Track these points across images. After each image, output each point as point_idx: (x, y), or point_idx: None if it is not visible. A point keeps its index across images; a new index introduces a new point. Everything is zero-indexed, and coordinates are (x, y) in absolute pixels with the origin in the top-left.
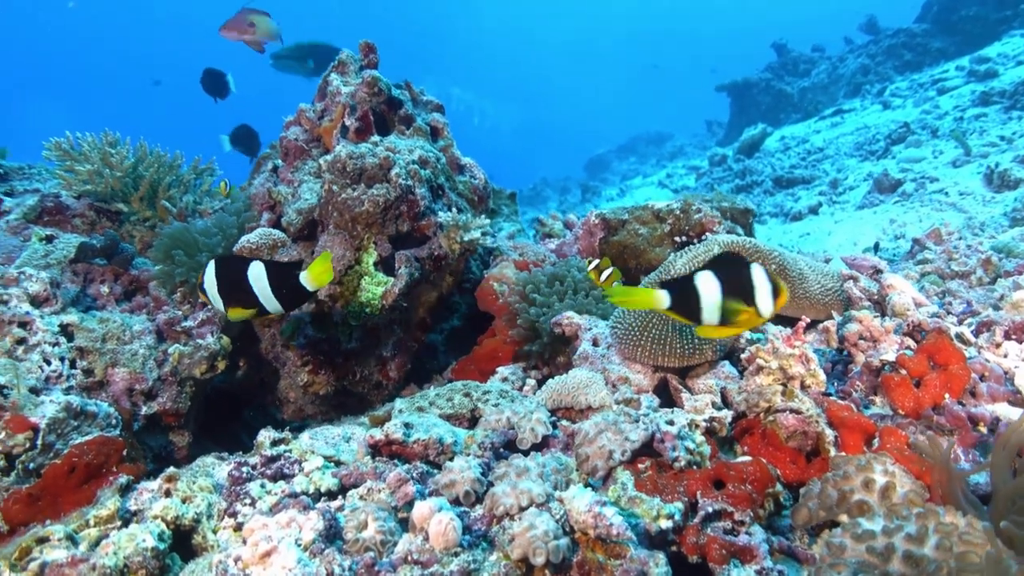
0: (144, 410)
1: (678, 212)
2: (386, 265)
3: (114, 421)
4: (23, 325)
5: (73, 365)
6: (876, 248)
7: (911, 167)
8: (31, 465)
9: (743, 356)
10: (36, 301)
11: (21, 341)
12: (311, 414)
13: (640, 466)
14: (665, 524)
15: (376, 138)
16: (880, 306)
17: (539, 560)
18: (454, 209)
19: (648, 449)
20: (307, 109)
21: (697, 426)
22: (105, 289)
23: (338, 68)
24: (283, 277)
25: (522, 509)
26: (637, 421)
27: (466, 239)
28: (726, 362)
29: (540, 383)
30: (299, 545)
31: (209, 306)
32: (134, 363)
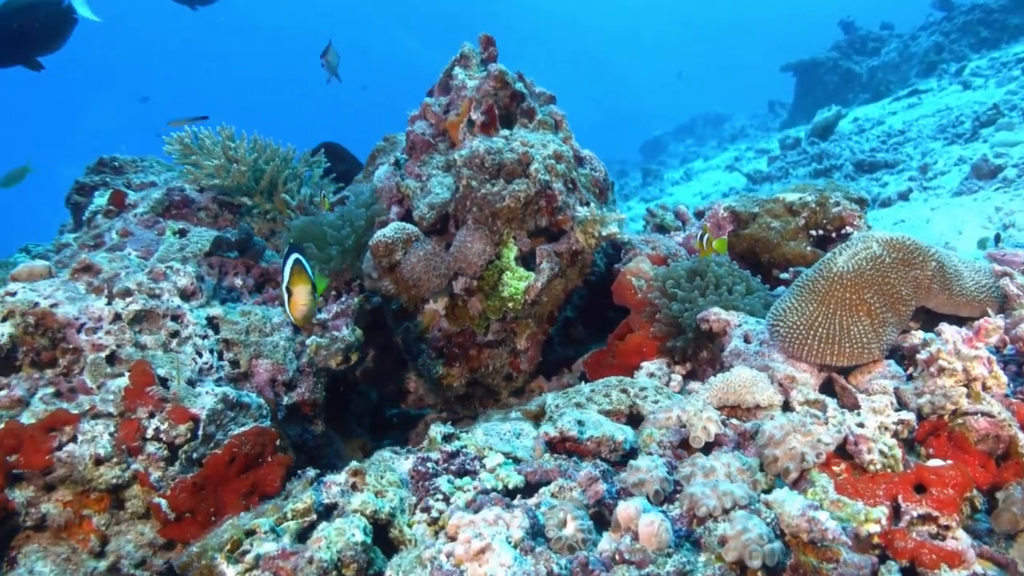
0: (285, 400)
1: (813, 205)
2: (524, 260)
3: (265, 412)
4: (175, 318)
5: (221, 357)
6: (997, 239)
7: (1007, 151)
8: (194, 455)
9: (920, 356)
10: (184, 295)
11: (175, 334)
12: (431, 404)
13: (835, 468)
14: (872, 528)
15: (506, 132)
16: None
17: (755, 563)
18: (590, 204)
19: (838, 451)
20: (432, 104)
21: (887, 428)
22: (239, 282)
23: (461, 62)
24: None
25: (725, 511)
26: (826, 423)
27: (604, 233)
28: (891, 361)
29: (685, 379)
30: (509, 542)
31: (343, 299)
32: (276, 354)
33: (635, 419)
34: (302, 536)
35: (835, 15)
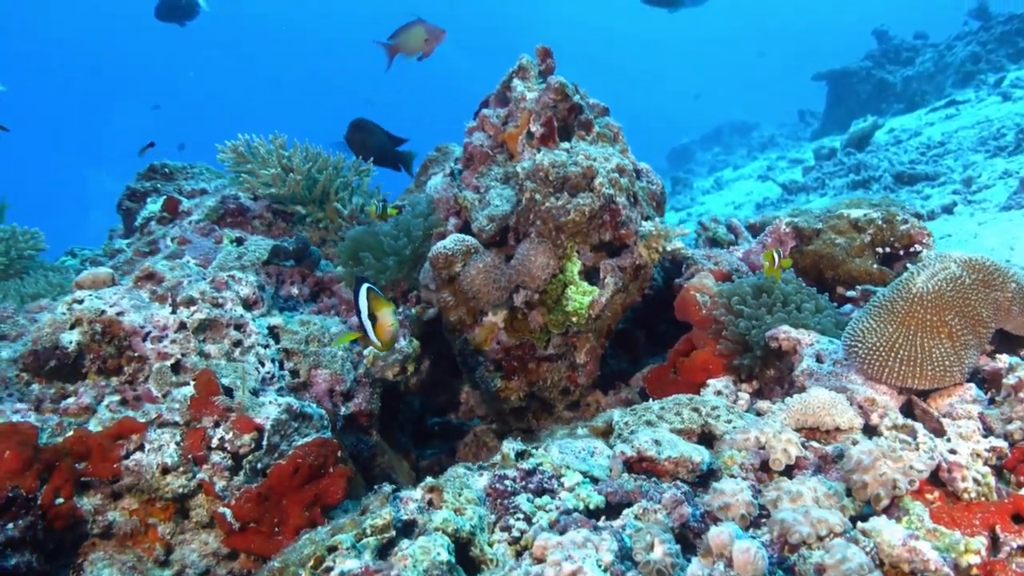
0: (343, 411)
1: (880, 222)
2: (587, 274)
3: (326, 422)
4: (238, 328)
5: (281, 367)
6: None
7: None
8: (258, 465)
9: (1008, 381)
10: (247, 304)
11: (237, 344)
12: (481, 416)
13: (928, 496)
14: (972, 559)
15: (566, 144)
16: None
17: None
18: (655, 218)
19: (929, 479)
20: (490, 115)
21: (979, 455)
22: (295, 291)
23: (519, 73)
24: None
25: (820, 539)
26: (916, 448)
27: (668, 248)
28: (972, 385)
29: (752, 397)
30: (600, 566)
31: (400, 309)
32: (334, 365)
33: (706, 439)
34: (381, 553)
35: (864, 25)
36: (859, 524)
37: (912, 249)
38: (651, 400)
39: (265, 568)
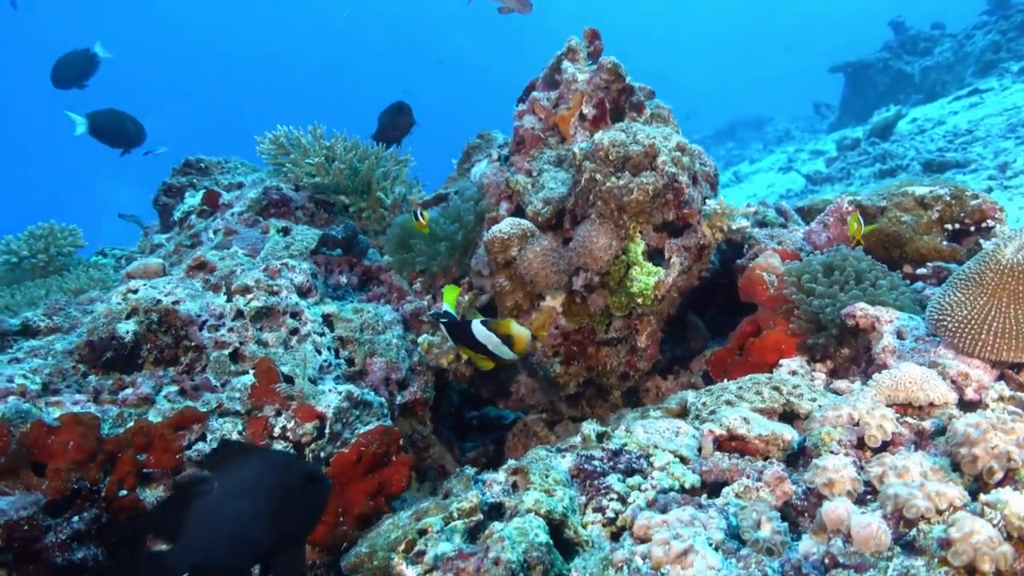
0: (398, 399)
1: (948, 198)
2: (650, 255)
3: (385, 410)
4: (294, 316)
5: (337, 355)
6: None
7: None
8: (321, 454)
9: None
10: (301, 292)
11: (294, 332)
12: (533, 405)
13: None
14: None
15: (621, 125)
16: None
17: (987, 567)
18: (720, 197)
19: None
20: (540, 98)
21: None
22: (344, 279)
23: (568, 55)
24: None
25: (939, 512)
26: None
27: (733, 227)
28: None
29: (827, 376)
30: (710, 544)
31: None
32: (389, 352)
33: (787, 418)
34: (471, 536)
35: (879, 16)
36: (981, 496)
37: (984, 225)
38: (715, 383)
39: (351, 554)
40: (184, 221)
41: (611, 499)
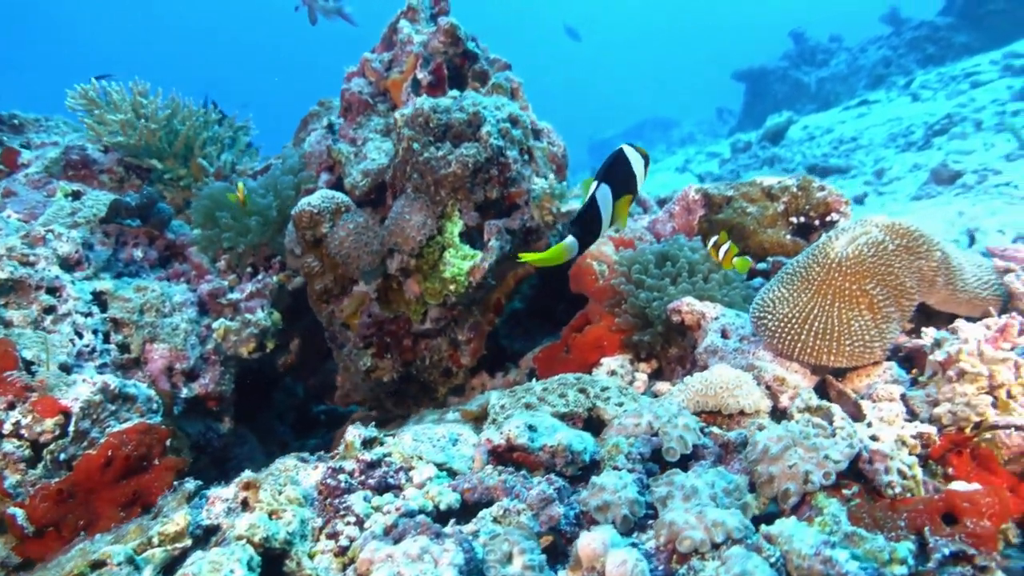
0: (184, 392)
1: (795, 189)
2: (470, 236)
3: (155, 406)
4: (52, 291)
5: (107, 339)
6: (972, 241)
7: (962, 159)
8: (62, 456)
9: (935, 358)
10: (67, 264)
11: (50, 310)
12: (359, 401)
13: (846, 492)
14: (899, 570)
15: (455, 92)
16: None
17: None
18: (550, 176)
19: (848, 470)
20: (372, 59)
21: (904, 443)
22: (139, 253)
23: (407, 14)
24: None
25: (715, 546)
26: (833, 435)
27: (563, 210)
28: (893, 363)
29: (651, 378)
30: None
31: (260, 277)
32: (175, 339)
33: (595, 424)
34: (170, 568)
35: (784, 25)
36: (763, 528)
37: (829, 219)
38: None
39: None
40: None
41: (348, 523)
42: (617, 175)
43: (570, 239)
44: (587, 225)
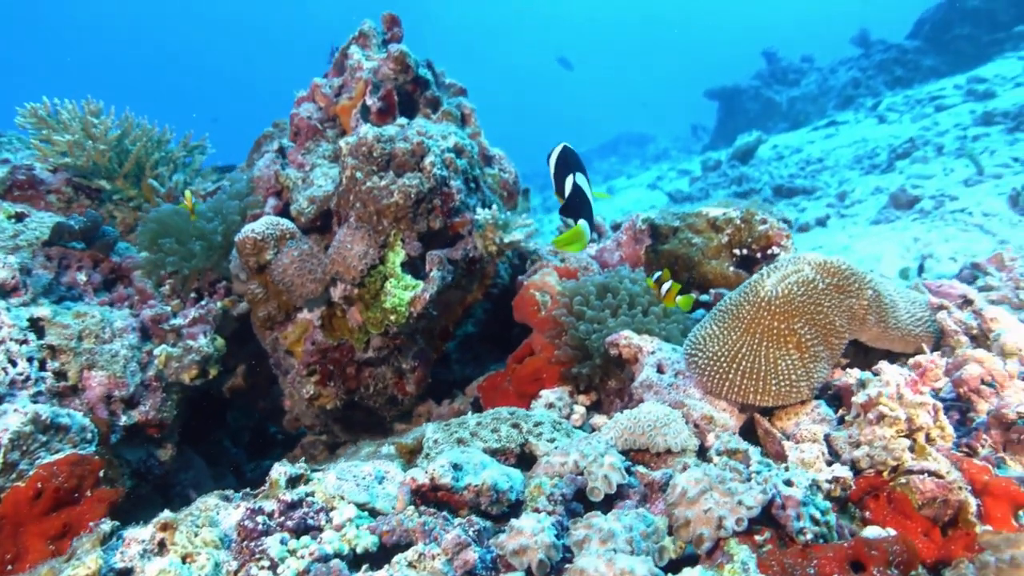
0: (123, 420)
1: (738, 222)
2: (413, 266)
3: (89, 435)
4: None
5: (43, 367)
6: (921, 269)
7: (922, 184)
8: None
9: (857, 400)
10: (3, 290)
11: None
12: (309, 426)
13: (758, 538)
14: None
15: (403, 120)
16: (978, 342)
17: None
18: (493, 206)
19: (761, 514)
20: (322, 84)
21: (819, 487)
22: (82, 277)
23: (359, 40)
24: None
25: None
26: (748, 479)
27: (506, 240)
28: (821, 402)
29: (589, 410)
30: None
31: (204, 302)
32: (114, 366)
33: (527, 459)
34: None
35: (759, 44)
36: None
37: (770, 251)
38: (484, 412)
39: None
40: None
41: (263, 567)
42: (582, 165)
43: (582, 222)
44: (587, 207)
